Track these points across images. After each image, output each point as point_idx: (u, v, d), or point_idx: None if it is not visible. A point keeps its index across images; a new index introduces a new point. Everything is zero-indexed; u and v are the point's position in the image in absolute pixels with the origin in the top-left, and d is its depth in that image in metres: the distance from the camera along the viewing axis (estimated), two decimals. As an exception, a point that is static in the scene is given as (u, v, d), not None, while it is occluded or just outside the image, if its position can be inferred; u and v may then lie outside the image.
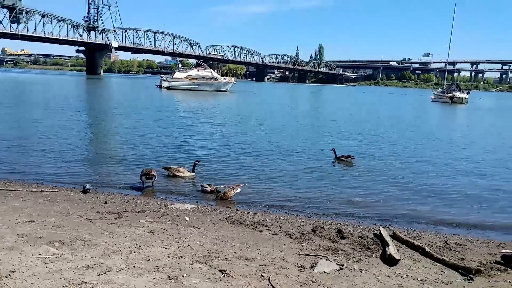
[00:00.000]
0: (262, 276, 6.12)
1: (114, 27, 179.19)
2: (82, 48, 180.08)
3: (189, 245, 7.30)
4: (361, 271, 6.58)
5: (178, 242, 7.44)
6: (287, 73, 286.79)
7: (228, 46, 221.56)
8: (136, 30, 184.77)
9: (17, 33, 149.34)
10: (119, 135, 22.43)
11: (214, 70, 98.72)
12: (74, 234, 7.51)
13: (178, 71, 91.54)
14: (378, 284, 6.14)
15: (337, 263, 6.80)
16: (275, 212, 10.46)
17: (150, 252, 6.80)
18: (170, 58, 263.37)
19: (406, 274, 6.58)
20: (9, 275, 5.59)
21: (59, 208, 9.40)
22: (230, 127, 27.63)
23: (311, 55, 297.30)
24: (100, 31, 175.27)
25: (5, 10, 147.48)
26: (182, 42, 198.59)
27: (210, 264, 6.45)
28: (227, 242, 7.64)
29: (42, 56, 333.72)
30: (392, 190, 13.05)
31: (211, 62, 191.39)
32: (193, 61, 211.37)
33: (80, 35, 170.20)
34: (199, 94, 73.42)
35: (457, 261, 7.26)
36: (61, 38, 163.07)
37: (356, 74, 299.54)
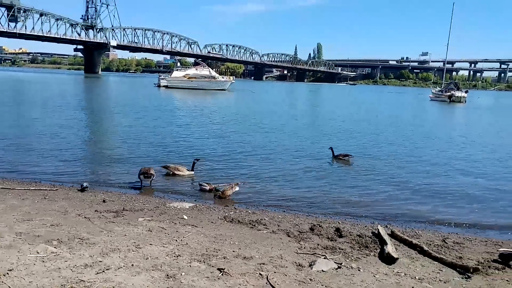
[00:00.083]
0: (260, 274, 6.13)
1: (113, 26, 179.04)
2: (80, 46, 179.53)
3: (187, 243, 7.30)
4: (359, 270, 6.58)
5: (176, 240, 7.43)
6: (286, 72, 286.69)
7: (226, 45, 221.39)
8: (134, 29, 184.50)
9: (15, 31, 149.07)
10: (118, 134, 22.40)
11: (212, 69, 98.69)
12: (72, 232, 7.50)
13: (177, 70, 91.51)
14: (376, 282, 6.15)
15: (335, 262, 6.80)
16: (274, 210, 10.46)
17: (148, 250, 6.80)
18: (168, 57, 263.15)
19: (404, 272, 6.59)
20: (7, 274, 5.58)
21: (57, 206, 9.39)
22: (229, 126, 27.62)
23: (310, 54, 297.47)
24: (98, 30, 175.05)
25: (3, 9, 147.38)
26: (180, 40, 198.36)
27: (208, 262, 6.45)
28: (226, 240, 7.64)
29: (40, 54, 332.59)
30: (390, 189, 13.06)
31: (210, 61, 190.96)
32: (191, 60, 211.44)
33: (78, 34, 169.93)
34: (198, 92, 73.41)
35: (455, 259, 7.28)
36: (59, 36, 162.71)
37: (354, 73, 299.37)
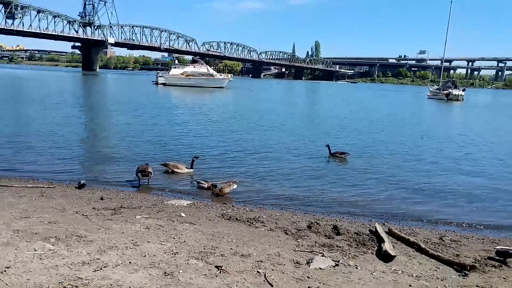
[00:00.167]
0: (258, 272, 6.14)
1: (110, 23, 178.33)
2: (78, 44, 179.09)
3: (185, 241, 7.31)
4: (356, 267, 6.60)
5: (174, 238, 7.44)
6: (284, 69, 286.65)
7: (224, 43, 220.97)
8: (132, 26, 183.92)
9: (12, 28, 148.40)
10: (116, 132, 22.38)
11: (210, 67, 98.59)
12: (70, 230, 7.50)
13: (175, 68, 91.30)
14: (373, 280, 6.16)
15: (332, 259, 6.82)
16: (271, 208, 10.47)
17: (146, 248, 6.80)
18: (166, 54, 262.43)
19: (402, 270, 6.61)
20: (4, 271, 5.58)
21: (55, 204, 9.39)
22: (227, 124, 27.61)
23: (308, 52, 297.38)
24: (96, 27, 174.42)
25: (0, 6, 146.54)
26: (178, 38, 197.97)
27: (206, 260, 6.46)
28: (223, 238, 7.65)
29: (37, 52, 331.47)
30: (387, 187, 13.08)
31: (207, 59, 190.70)
32: (189, 57, 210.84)
33: (75, 31, 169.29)
34: (196, 90, 73.33)
35: (452, 257, 7.31)
36: (56, 34, 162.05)
37: (352, 71, 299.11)
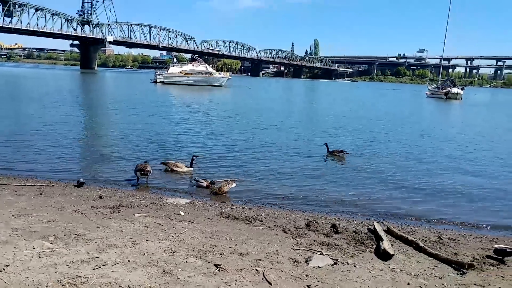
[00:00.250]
0: (256, 270, 6.15)
1: (109, 21, 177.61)
2: (76, 42, 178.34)
3: (183, 239, 7.31)
4: (355, 266, 6.61)
5: (173, 236, 7.44)
6: (282, 68, 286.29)
7: (223, 41, 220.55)
8: (130, 24, 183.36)
9: (10, 26, 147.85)
10: (115, 130, 22.36)
11: (209, 65, 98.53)
12: (68, 228, 7.50)
13: (173, 66, 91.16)
14: (372, 278, 6.17)
15: (331, 258, 6.83)
16: (270, 207, 10.48)
17: (144, 246, 6.80)
18: (165, 52, 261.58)
19: (400, 268, 6.63)
20: (3, 269, 5.58)
21: (54, 202, 9.38)
22: (226, 123, 27.60)
23: (307, 51, 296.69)
24: (94, 25, 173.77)
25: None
26: (177, 36, 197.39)
27: (204, 258, 6.46)
28: (222, 236, 7.66)
29: (36, 50, 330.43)
30: (386, 186, 13.10)
31: (206, 57, 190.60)
32: (188, 55, 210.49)
33: (74, 29, 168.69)
34: (194, 88, 73.27)
35: (450, 255, 7.32)
36: (55, 32, 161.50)
37: (351, 70, 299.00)
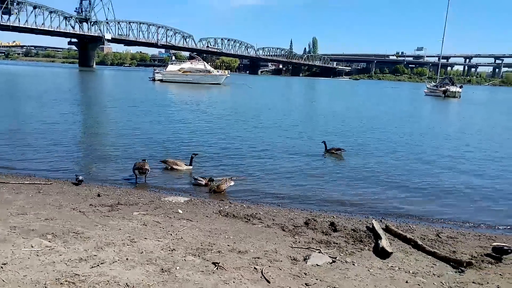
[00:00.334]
0: (255, 268, 6.14)
1: (107, 19, 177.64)
2: (74, 40, 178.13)
3: (182, 237, 7.31)
4: (353, 264, 6.61)
5: (171, 234, 7.44)
6: (281, 66, 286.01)
7: (222, 39, 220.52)
8: (129, 22, 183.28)
9: (8, 24, 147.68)
10: (113, 128, 22.33)
11: (207, 63, 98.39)
12: (67, 226, 7.49)
13: (172, 64, 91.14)
14: (370, 276, 6.18)
15: (329, 256, 6.83)
16: (268, 205, 10.47)
17: (143, 244, 6.80)
18: (163, 50, 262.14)
19: (398, 266, 6.63)
20: (1, 268, 5.57)
21: (52, 200, 9.37)
22: (225, 121, 27.58)
23: (305, 49, 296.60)
24: (92, 23, 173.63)
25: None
26: (175, 34, 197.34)
27: (203, 256, 6.46)
28: (220, 234, 7.65)
29: (34, 48, 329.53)
30: (385, 184, 13.10)
31: (205, 55, 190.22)
32: (186, 53, 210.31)
33: (72, 27, 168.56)
34: (193, 86, 73.16)
35: (448, 254, 7.33)
36: (53, 29, 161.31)
37: (350, 68, 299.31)
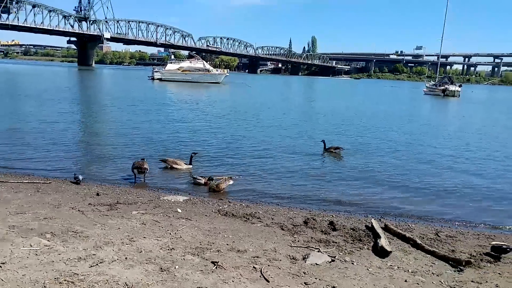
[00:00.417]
0: (254, 267, 6.14)
1: (106, 18, 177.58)
2: (73, 39, 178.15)
3: (181, 237, 7.30)
4: (352, 263, 6.61)
5: (170, 234, 7.43)
6: (280, 65, 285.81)
7: (221, 38, 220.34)
8: (128, 21, 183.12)
9: (7, 23, 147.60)
10: (112, 127, 22.32)
11: (206, 62, 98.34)
12: (65, 225, 7.48)
13: (171, 63, 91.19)
14: (369, 275, 6.18)
15: (329, 255, 6.83)
16: (268, 204, 10.47)
17: (142, 243, 6.79)
18: (162, 49, 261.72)
19: (397, 266, 6.63)
20: (0, 267, 5.56)
21: (51, 199, 9.36)
22: (224, 120, 27.58)
23: (304, 48, 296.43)
24: (91, 22, 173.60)
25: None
26: (174, 33, 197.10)
27: (202, 256, 6.45)
28: (219, 234, 7.65)
29: (33, 46, 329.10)
30: (384, 183, 13.10)
31: (204, 54, 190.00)
32: (185, 52, 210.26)
33: (71, 26, 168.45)
34: (192, 85, 73.11)
35: (447, 253, 7.33)
36: (52, 28, 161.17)
37: (349, 67, 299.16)
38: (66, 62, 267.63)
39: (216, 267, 6.03)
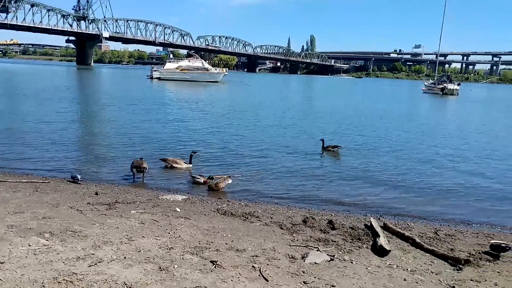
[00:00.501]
0: (253, 267, 6.13)
1: (105, 17, 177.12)
2: (72, 38, 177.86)
3: (180, 236, 7.29)
4: (351, 262, 6.61)
5: (169, 233, 7.42)
6: (279, 64, 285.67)
7: (219, 37, 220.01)
8: (126, 20, 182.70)
9: (6, 22, 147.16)
10: (111, 127, 22.28)
11: (205, 61, 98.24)
12: (64, 225, 7.46)
13: (169, 62, 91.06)
14: (368, 274, 6.17)
15: (328, 254, 6.83)
16: (266, 203, 10.47)
17: (141, 243, 6.78)
18: (161, 48, 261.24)
19: (397, 264, 6.63)
20: (-2, 267, 5.55)
21: (49, 199, 9.34)
22: (223, 119, 27.56)
23: (303, 46, 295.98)
24: (90, 21, 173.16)
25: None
26: (173, 32, 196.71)
27: (201, 255, 6.44)
28: (218, 233, 7.64)
29: (31, 46, 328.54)
30: (383, 182, 13.11)
31: (202, 53, 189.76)
32: (184, 51, 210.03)
33: (70, 25, 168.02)
34: (191, 84, 73.05)
35: (446, 251, 7.34)
36: (50, 27, 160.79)
37: (347, 66, 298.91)
38: (65, 61, 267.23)
39: (215, 266, 6.02)
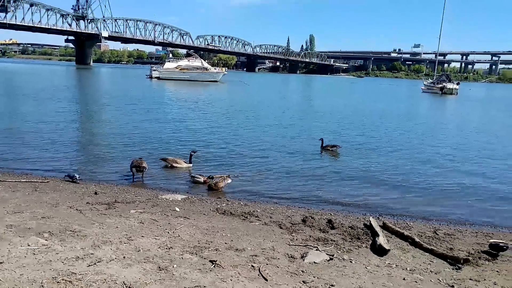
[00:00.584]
0: (252, 266, 6.13)
1: (104, 17, 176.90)
2: (71, 37, 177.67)
3: (179, 235, 7.29)
4: (351, 261, 6.61)
5: (168, 232, 7.42)
6: (278, 63, 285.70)
7: (219, 36, 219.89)
8: (126, 20, 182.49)
9: (5, 22, 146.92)
10: (110, 126, 22.26)
11: (204, 60, 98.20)
12: (63, 225, 7.46)
13: (169, 61, 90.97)
14: (368, 274, 6.18)
15: (327, 254, 6.83)
16: (266, 202, 10.47)
17: (140, 242, 6.78)
18: (160, 48, 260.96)
19: (396, 264, 6.63)
20: (-3, 267, 5.55)
21: (48, 198, 9.34)
22: (223, 119, 27.54)
23: (302, 46, 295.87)
24: (89, 21, 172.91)
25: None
26: (172, 32, 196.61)
27: (200, 254, 6.44)
28: (218, 232, 7.64)
29: (30, 45, 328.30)
30: (382, 181, 13.12)
31: (202, 52, 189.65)
32: (183, 51, 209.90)
33: (69, 25, 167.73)
34: (190, 84, 73.03)
35: (446, 251, 7.34)
36: (49, 27, 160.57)
37: (347, 65, 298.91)
38: (64, 61, 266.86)
39: (214, 266, 6.02)
